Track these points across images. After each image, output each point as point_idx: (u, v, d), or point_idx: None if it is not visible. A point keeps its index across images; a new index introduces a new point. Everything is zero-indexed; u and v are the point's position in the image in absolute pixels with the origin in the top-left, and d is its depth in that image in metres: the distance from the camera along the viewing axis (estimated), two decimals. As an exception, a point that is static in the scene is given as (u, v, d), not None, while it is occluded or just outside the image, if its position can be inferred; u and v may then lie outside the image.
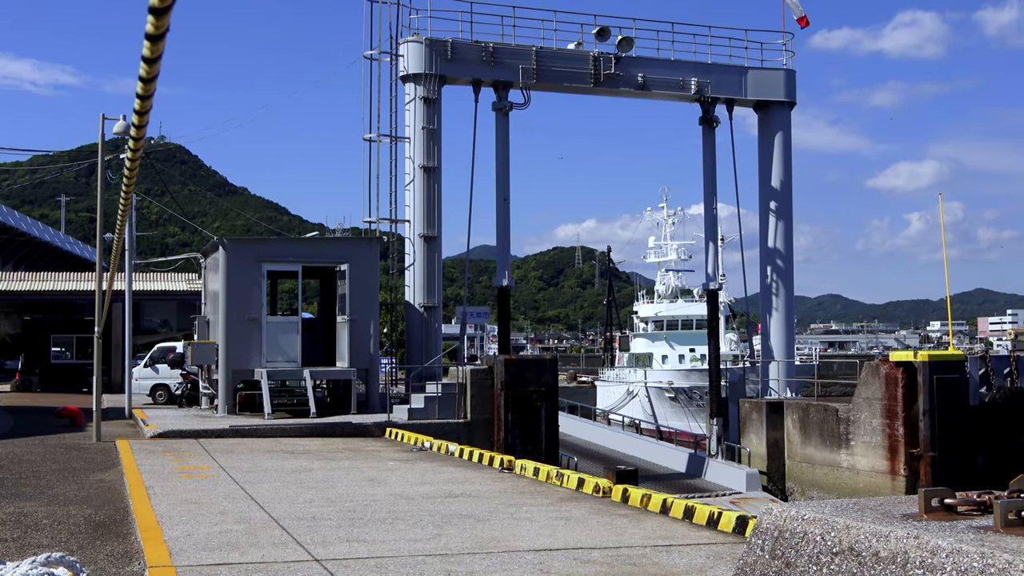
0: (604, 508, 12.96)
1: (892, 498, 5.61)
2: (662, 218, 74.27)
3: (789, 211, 36.57)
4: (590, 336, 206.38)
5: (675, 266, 74.60)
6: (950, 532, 4.47)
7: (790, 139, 36.72)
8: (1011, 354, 26.59)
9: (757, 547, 5.26)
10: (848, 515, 4.96)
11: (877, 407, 24.51)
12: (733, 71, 35.60)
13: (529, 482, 15.88)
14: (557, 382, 27.93)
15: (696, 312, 64.64)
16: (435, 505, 13.13)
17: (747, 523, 10.83)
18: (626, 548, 10.18)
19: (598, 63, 33.85)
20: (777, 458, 29.55)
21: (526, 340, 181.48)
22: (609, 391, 64.81)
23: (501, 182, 33.22)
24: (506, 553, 9.86)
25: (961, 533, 4.45)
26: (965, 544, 4.21)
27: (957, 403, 23.43)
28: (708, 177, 35.58)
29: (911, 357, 24.23)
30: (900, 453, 23.86)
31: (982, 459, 23.24)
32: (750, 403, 31.34)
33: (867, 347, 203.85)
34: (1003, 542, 4.24)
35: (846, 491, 25.54)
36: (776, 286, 36.19)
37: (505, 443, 25.63)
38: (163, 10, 4.05)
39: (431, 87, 32.46)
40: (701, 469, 30.88)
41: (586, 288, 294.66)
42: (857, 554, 4.64)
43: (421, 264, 32.48)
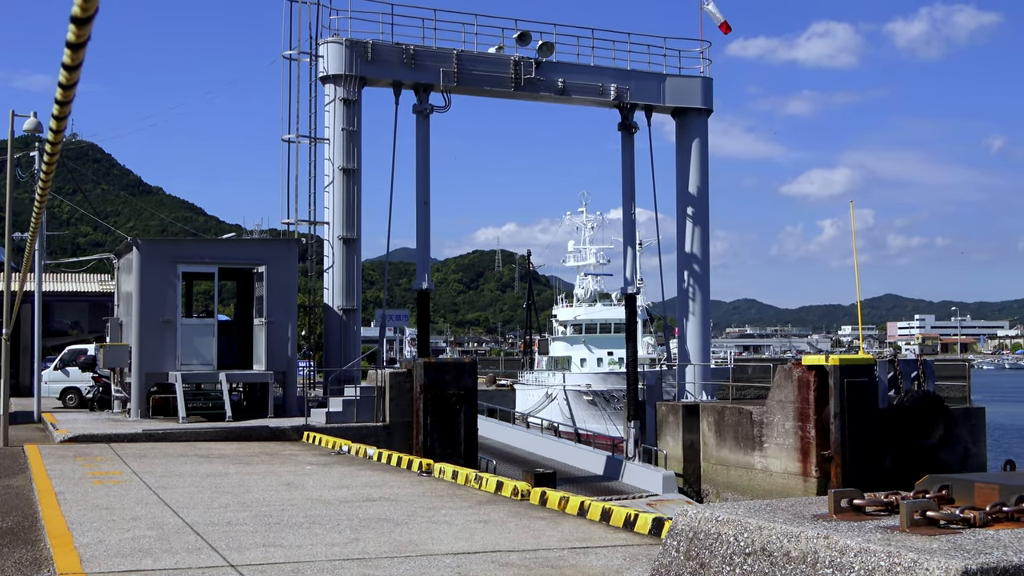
0: (522, 511, 13.01)
1: (803, 499, 5.73)
2: (582, 222, 74.75)
3: (706, 217, 37.10)
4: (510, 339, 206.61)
5: (594, 270, 75.10)
6: (858, 532, 4.58)
7: (707, 146, 37.26)
8: (918, 358, 27.30)
9: (672, 548, 5.33)
10: (760, 516, 5.05)
11: (790, 410, 24.98)
12: (652, 78, 36.01)
13: (448, 485, 15.86)
14: (476, 385, 27.94)
15: (614, 316, 65.11)
16: (353, 509, 13.05)
17: (663, 525, 10.96)
18: (544, 550, 10.23)
19: (519, 67, 33.97)
20: (693, 460, 29.93)
21: (446, 343, 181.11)
22: (528, 394, 64.96)
23: (421, 185, 33.15)
24: (424, 557, 9.84)
25: (869, 533, 4.56)
26: (872, 544, 4.32)
27: (867, 406, 23.99)
28: (627, 182, 35.94)
29: (823, 361, 24.74)
30: (812, 455, 24.34)
31: (890, 460, 23.83)
32: (667, 406, 31.70)
33: (781, 351, 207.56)
34: (908, 541, 4.36)
35: (760, 492, 25.98)
36: (693, 290, 36.68)
37: (424, 446, 25.57)
38: (85, 20, 3.96)
39: (351, 88, 32.26)
40: (619, 472, 31.16)
41: (506, 291, 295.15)
42: (769, 554, 4.73)
43: (340, 266, 32.26)
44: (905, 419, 24.32)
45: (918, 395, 24.64)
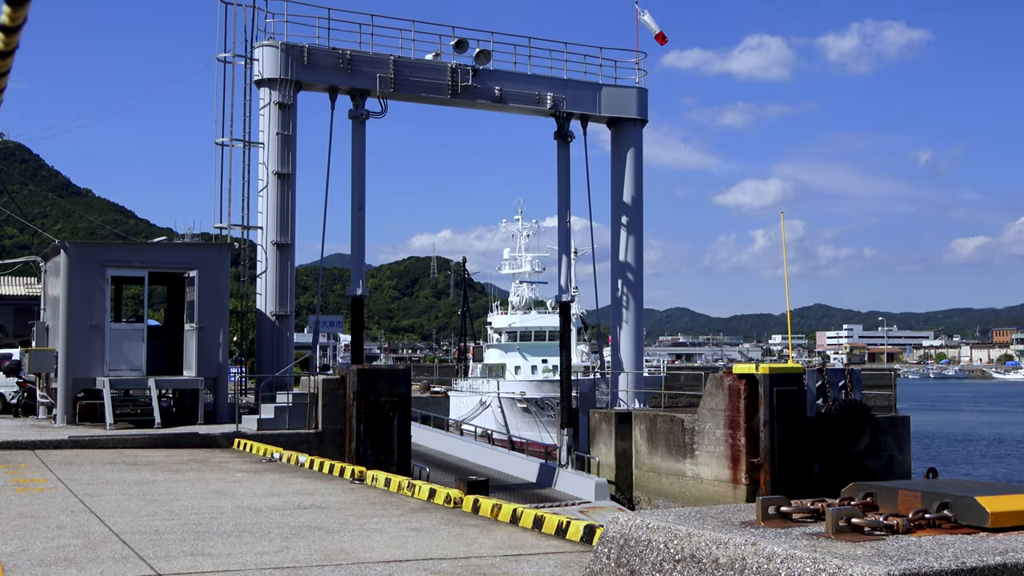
0: (455, 518, 13.00)
1: (732, 506, 5.81)
2: (517, 230, 74.91)
3: (640, 226, 37.39)
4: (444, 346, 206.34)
5: (529, 278, 75.30)
6: (785, 539, 4.65)
7: (642, 155, 37.58)
8: (846, 367, 27.78)
9: (603, 555, 5.37)
10: (690, 523, 5.11)
11: (720, 418, 25.26)
12: (588, 87, 36.24)
13: (380, 493, 15.79)
14: (410, 392, 27.86)
15: (549, 324, 65.33)
16: (284, 517, 12.93)
17: (595, 532, 11.02)
18: (476, 558, 10.23)
19: (456, 75, 33.98)
20: (625, 468, 30.13)
21: (380, 350, 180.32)
22: (462, 401, 64.88)
23: (356, 190, 32.99)
24: (356, 565, 9.79)
25: (795, 539, 4.64)
26: (799, 550, 4.39)
27: (795, 414, 24.34)
28: (562, 191, 36.11)
29: (753, 370, 25.05)
30: (742, 462, 24.63)
31: (818, 468, 24.19)
32: (600, 414, 31.88)
33: (713, 359, 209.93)
34: (834, 547, 4.44)
35: (691, 500, 26.22)
36: (626, 299, 36.94)
37: (357, 454, 25.42)
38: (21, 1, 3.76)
39: (286, 92, 32.02)
40: (552, 479, 31.25)
41: (441, 298, 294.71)
42: (698, 561, 4.79)
43: (273, 272, 31.97)
44: (833, 427, 24.71)
45: (845, 404, 25.06)
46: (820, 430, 24.60)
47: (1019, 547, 4.46)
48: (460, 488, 14.47)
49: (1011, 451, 62.32)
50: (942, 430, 77.32)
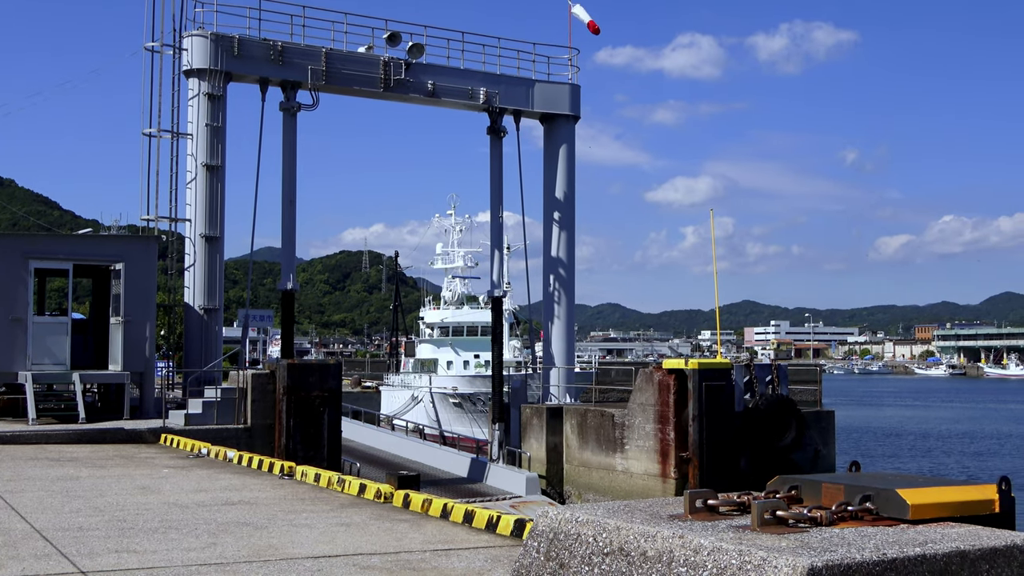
0: (385, 513, 12.95)
1: (660, 500, 5.86)
2: (450, 225, 74.77)
3: (572, 222, 37.56)
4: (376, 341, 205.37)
5: (462, 273, 75.21)
6: (712, 531, 4.71)
7: (574, 152, 37.73)
8: (773, 363, 28.18)
9: (533, 549, 5.39)
10: (619, 517, 5.15)
11: (650, 412, 25.48)
12: (521, 83, 36.29)
13: (310, 488, 15.67)
14: (341, 387, 27.68)
15: (481, 319, 65.30)
16: (211, 513, 12.78)
17: (525, 526, 11.05)
18: (406, 553, 10.21)
19: (388, 68, 33.79)
20: (556, 462, 30.26)
21: (311, 344, 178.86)
22: (394, 396, 64.65)
23: (287, 183, 32.66)
24: (284, 560, 9.71)
25: (722, 532, 4.70)
26: (725, 543, 4.45)
27: (723, 409, 24.63)
28: (495, 186, 36.12)
29: (682, 365, 25.28)
30: (671, 456, 24.87)
31: (745, 462, 24.52)
32: (531, 408, 31.98)
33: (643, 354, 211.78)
34: (759, 540, 4.50)
35: (621, 494, 26.42)
36: (558, 294, 37.08)
37: (286, 449, 25.20)
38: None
39: (216, 83, 31.58)
40: (483, 474, 31.27)
41: (373, 293, 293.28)
42: (627, 554, 4.82)
43: (202, 265, 31.54)
44: (759, 422, 25.05)
45: (772, 398, 25.42)
46: (747, 424, 24.92)
47: (938, 539, 4.56)
48: (391, 483, 14.42)
49: (937, 445, 63.75)
50: (869, 424, 78.87)
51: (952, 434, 71.76)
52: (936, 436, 70.22)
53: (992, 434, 71.89)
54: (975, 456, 57.13)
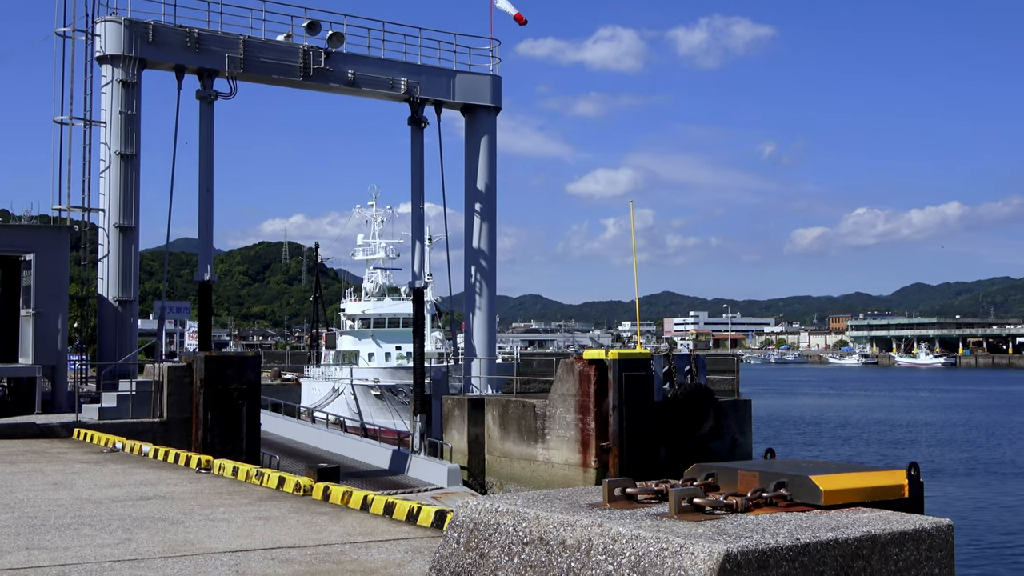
0: (304, 506, 12.84)
1: (580, 489, 5.88)
2: (371, 216, 74.24)
3: (493, 213, 37.56)
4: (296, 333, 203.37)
5: (383, 264, 74.74)
6: (630, 519, 4.74)
7: (495, 143, 37.72)
8: (691, 353, 28.52)
9: (453, 540, 5.37)
10: (538, 506, 5.15)
11: (571, 403, 25.62)
12: (442, 74, 36.16)
13: (228, 482, 15.46)
14: (260, 379, 27.37)
15: (403, 310, 65.02)
16: (125, 508, 12.53)
17: (445, 517, 11.04)
18: (325, 546, 10.13)
19: (308, 57, 33.41)
20: (478, 453, 30.28)
21: (229, 337, 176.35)
22: (314, 389, 64.06)
23: (204, 172, 32.14)
24: (200, 556, 9.56)
25: (640, 520, 4.73)
26: (643, 530, 4.48)
27: (643, 399, 24.86)
28: (416, 177, 35.95)
29: (603, 355, 25.46)
30: (591, 446, 25.03)
31: (664, 451, 24.78)
32: (453, 400, 31.94)
33: (564, 345, 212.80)
34: (676, 527, 4.54)
35: (542, 484, 26.53)
36: (480, 286, 37.07)
37: (204, 443, 24.84)
38: None
39: (130, 70, 30.93)
40: (404, 465, 31.17)
41: (293, 284, 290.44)
42: (546, 543, 4.83)
43: (116, 256, 30.89)
44: (678, 411, 25.33)
45: (690, 388, 25.71)
46: (666, 414, 25.18)
47: (849, 523, 4.65)
48: (310, 476, 14.30)
49: (854, 433, 65.14)
50: (781, 413, 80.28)
51: (867, 422, 73.42)
52: (851, 424, 71.76)
53: (905, 422, 73.73)
54: (889, 444, 58.52)
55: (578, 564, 4.60)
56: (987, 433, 64.63)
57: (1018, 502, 38.01)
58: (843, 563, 4.41)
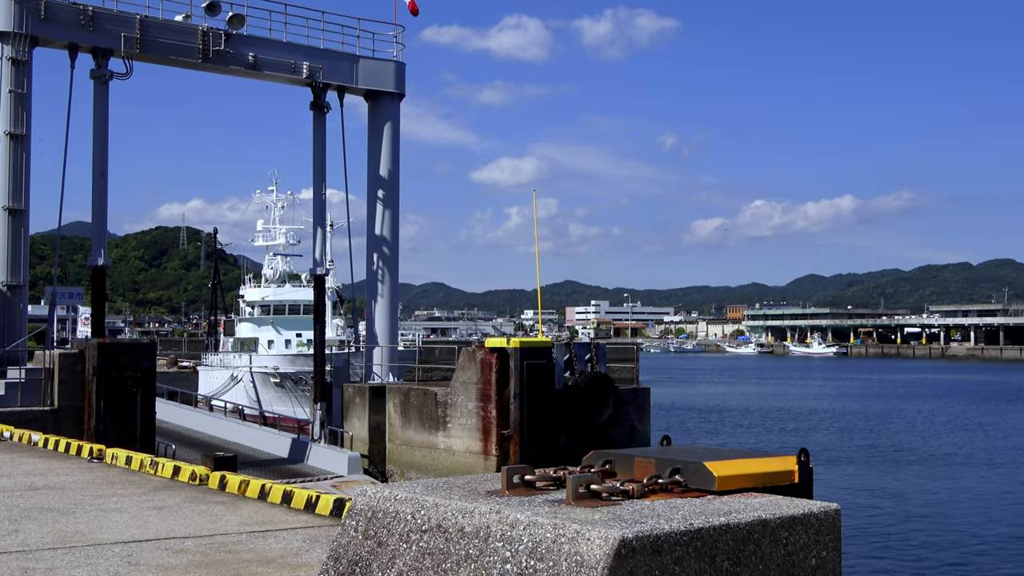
0: (200, 496, 12.63)
1: (479, 476, 5.89)
2: (272, 201, 73.29)
3: (396, 200, 37.37)
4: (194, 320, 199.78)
5: (284, 250, 73.87)
6: (528, 506, 4.77)
7: (399, 130, 37.51)
8: (592, 341, 28.84)
9: (351, 528, 5.34)
10: (437, 494, 5.15)
11: (473, 391, 25.68)
12: (345, 59, 35.79)
13: (121, 471, 15.13)
14: (155, 367, 26.86)
15: (303, 297, 64.41)
16: (12, 499, 12.17)
17: (344, 506, 10.97)
18: (221, 535, 9.98)
19: (207, 38, 32.76)
20: (379, 441, 30.17)
21: (124, 323, 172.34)
22: (212, 376, 63.09)
23: (98, 155, 31.32)
24: (92, 547, 9.34)
25: (538, 507, 4.76)
26: (540, 517, 4.51)
27: (544, 387, 25.06)
28: (318, 162, 35.56)
29: (504, 344, 25.58)
30: (492, 434, 25.15)
31: (564, 438, 25.03)
32: (354, 388, 31.76)
33: (467, 334, 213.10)
34: (573, 513, 4.59)
35: (443, 472, 26.55)
36: (382, 273, 36.87)
37: (96, 431, 24.29)
38: None
39: (20, 48, 29.95)
40: (304, 454, 30.91)
41: (191, 270, 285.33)
42: (444, 530, 4.84)
43: (5, 239, 29.93)
44: (579, 399, 25.60)
45: (591, 376, 26.01)
46: (567, 402, 25.43)
47: (741, 508, 4.75)
48: (206, 465, 14.07)
49: (756, 421, 66.58)
50: (679, 401, 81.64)
51: (766, 410, 75.13)
52: (750, 412, 73.37)
53: (801, 410, 75.62)
54: (788, 432, 59.96)
55: (476, 551, 4.61)
56: (878, 421, 66.70)
57: (906, 487, 39.34)
58: (735, 547, 4.51)
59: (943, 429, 61.41)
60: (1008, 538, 30.09)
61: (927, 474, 42.76)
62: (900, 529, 31.03)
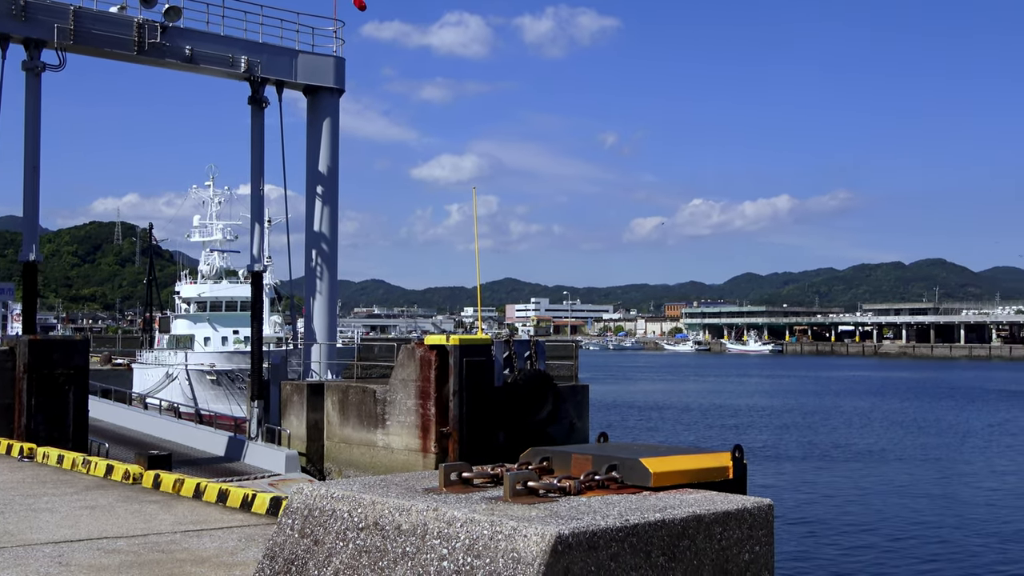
0: (134, 495, 12.46)
1: (417, 473, 5.89)
2: (208, 197, 72.39)
3: (335, 196, 37.12)
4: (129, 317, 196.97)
5: (221, 246, 73.05)
6: (465, 504, 4.77)
7: (338, 125, 37.26)
8: (532, 339, 28.91)
9: (287, 526, 5.30)
10: (375, 491, 5.13)
11: (412, 388, 25.61)
12: (284, 53, 35.46)
13: (52, 470, 14.87)
14: (88, 364, 26.44)
15: (241, 293, 63.78)
16: (-61, 499, 11.91)
17: (281, 504, 10.89)
18: (155, 535, 9.86)
19: (143, 30, 32.27)
20: (317, 439, 29.97)
21: (57, 319, 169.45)
22: (147, 374, 62.22)
23: (30, 148, 30.71)
24: (21, 547, 9.17)
25: (475, 504, 4.77)
26: (477, 514, 4.52)
27: (483, 384, 25.06)
28: (256, 158, 35.18)
29: (444, 341, 25.54)
30: (432, 431, 25.11)
31: (503, 436, 25.06)
32: (291, 385, 31.52)
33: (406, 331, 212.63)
34: (510, 510, 4.60)
35: (382, 469, 26.45)
36: (321, 270, 36.61)
37: (27, 430, 23.84)
38: None
39: (-51, 38, 29.25)
40: (241, 452, 30.62)
41: (126, 266, 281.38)
42: (381, 528, 4.82)
43: (-68, 233, 29.26)
44: (518, 396, 25.64)
45: (530, 374, 26.06)
46: (506, 399, 25.46)
47: (677, 504, 4.80)
48: (140, 463, 13.88)
49: (697, 418, 67.22)
50: (617, 398, 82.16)
51: (701, 407, 75.89)
52: (690, 409, 74.06)
53: (739, 407, 76.50)
54: (727, 429, 60.60)
55: (413, 548, 4.61)
56: (814, 417, 67.71)
57: (840, 483, 39.99)
58: (670, 542, 4.55)
59: (879, 426, 62.54)
60: (937, 528, 30.74)
61: (861, 470, 43.51)
62: (832, 523, 31.54)
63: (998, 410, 74.33)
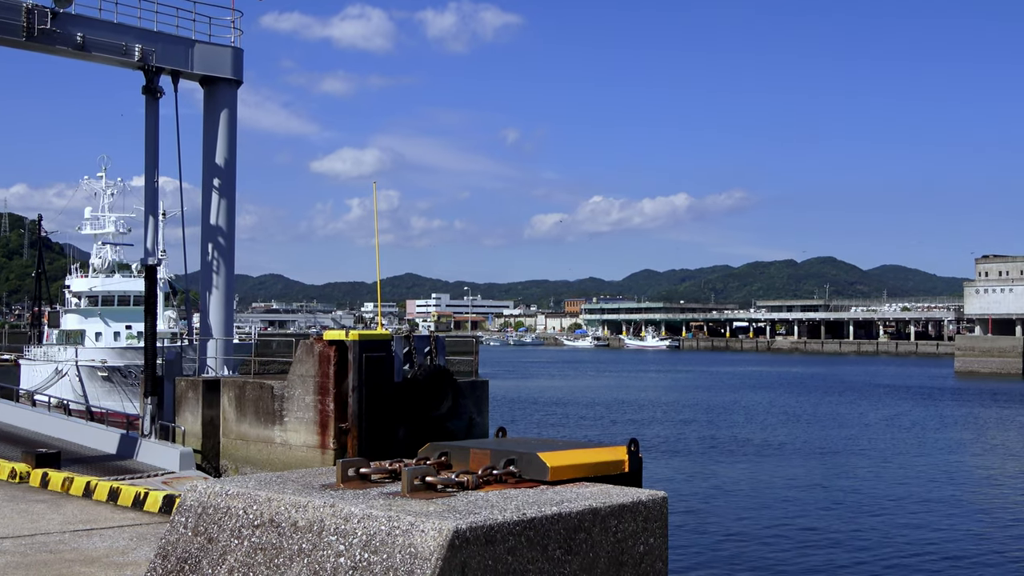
0: (20, 494, 12.11)
1: (313, 470, 5.85)
2: (100, 188, 70.56)
3: (232, 189, 36.52)
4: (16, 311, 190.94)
5: (113, 239, 71.31)
6: (363, 499, 4.76)
7: (236, 117, 36.65)
8: (432, 334, 28.87)
9: (180, 525, 5.22)
10: (271, 488, 5.09)
11: (310, 384, 25.37)
12: (180, 42, 34.74)
13: (-67, 470, 14.35)
14: (-28, 360, 25.52)
15: (134, 288, 62.39)
16: None
17: (174, 502, 10.70)
18: (43, 535, 9.59)
19: (32, 16, 31.27)
20: (213, 436, 29.50)
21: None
22: (35, 370, 60.44)
23: (-90, 136, 29.58)
24: (-101, 550, 8.83)
25: (373, 499, 4.76)
26: (375, 509, 4.51)
27: (383, 379, 24.97)
28: (150, 149, 34.38)
29: (343, 336, 25.36)
30: (331, 427, 24.92)
31: (403, 431, 25.00)
32: (186, 381, 30.95)
33: (306, 326, 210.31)
34: (408, 505, 4.60)
35: (279, 466, 26.15)
36: (217, 264, 35.99)
37: (-94, 428, 22.95)
38: None
39: None
40: (133, 450, 29.94)
41: (13, 259, 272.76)
42: (277, 525, 4.78)
43: None
44: (418, 392, 25.61)
45: (430, 369, 26.05)
46: (406, 394, 25.41)
47: (573, 498, 4.86)
48: (27, 462, 13.50)
49: (601, 413, 67.84)
50: (517, 394, 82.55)
51: (602, 402, 76.70)
52: (589, 404, 74.75)
53: (638, 402, 77.50)
54: (621, 423, 61.35)
55: (309, 545, 4.58)
56: (711, 412, 68.97)
57: (735, 476, 40.83)
58: (567, 535, 4.60)
59: (776, 420, 64.02)
60: (830, 519, 31.61)
61: (757, 463, 44.49)
62: (727, 515, 32.20)
63: (887, 405, 76.74)
